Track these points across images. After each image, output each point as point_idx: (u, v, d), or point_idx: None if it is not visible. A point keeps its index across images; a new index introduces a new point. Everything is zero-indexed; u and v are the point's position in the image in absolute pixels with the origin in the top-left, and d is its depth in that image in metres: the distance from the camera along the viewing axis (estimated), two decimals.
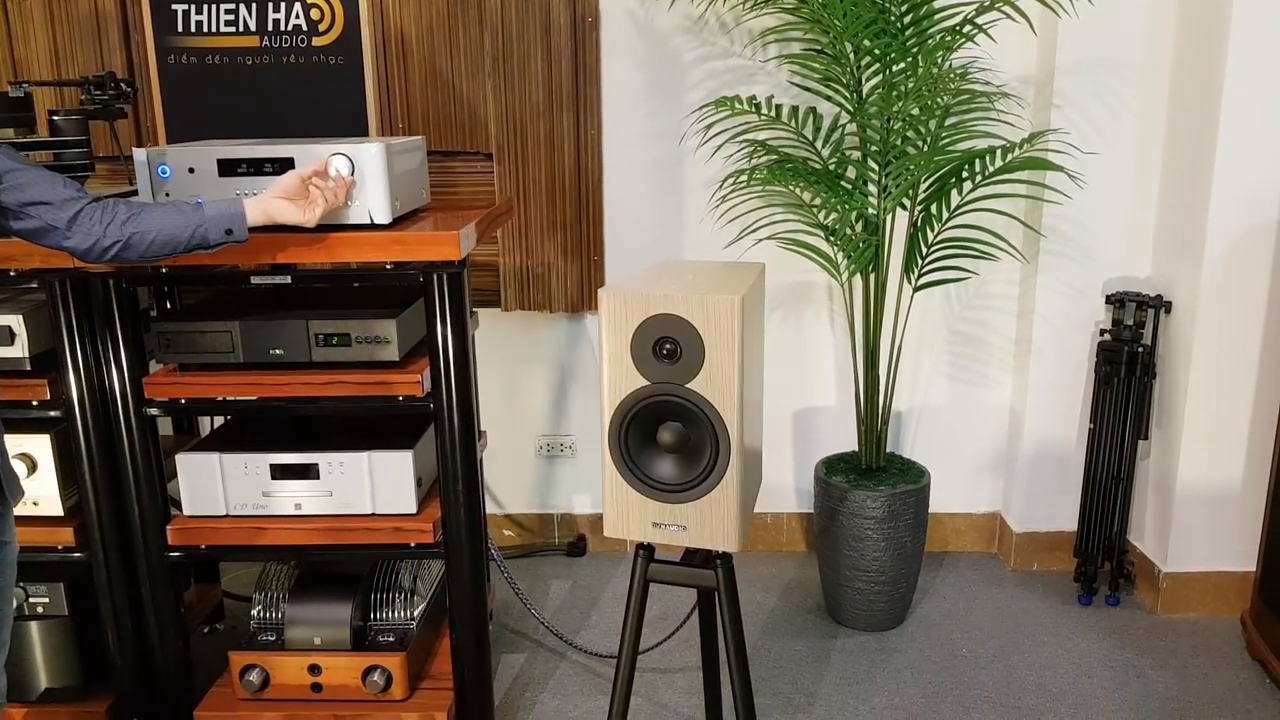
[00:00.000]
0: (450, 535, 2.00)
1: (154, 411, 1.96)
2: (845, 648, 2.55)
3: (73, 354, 1.93)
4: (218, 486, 2.01)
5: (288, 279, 1.90)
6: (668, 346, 1.56)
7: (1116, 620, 2.65)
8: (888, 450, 2.77)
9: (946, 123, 2.42)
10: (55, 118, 2.17)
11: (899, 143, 2.36)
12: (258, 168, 1.85)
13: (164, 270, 1.91)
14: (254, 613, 2.21)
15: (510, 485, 3.05)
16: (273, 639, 2.16)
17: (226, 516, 2.03)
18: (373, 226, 1.88)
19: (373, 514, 2.02)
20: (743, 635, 1.71)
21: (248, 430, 2.14)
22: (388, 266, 1.89)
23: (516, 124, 2.67)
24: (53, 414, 1.96)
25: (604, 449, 1.64)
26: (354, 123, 2.68)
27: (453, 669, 2.10)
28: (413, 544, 2.00)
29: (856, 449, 2.68)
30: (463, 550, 2.01)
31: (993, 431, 2.95)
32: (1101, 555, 2.73)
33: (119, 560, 2.04)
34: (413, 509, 2.01)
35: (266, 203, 1.71)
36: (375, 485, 2.00)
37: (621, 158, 2.75)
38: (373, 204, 1.85)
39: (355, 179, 1.84)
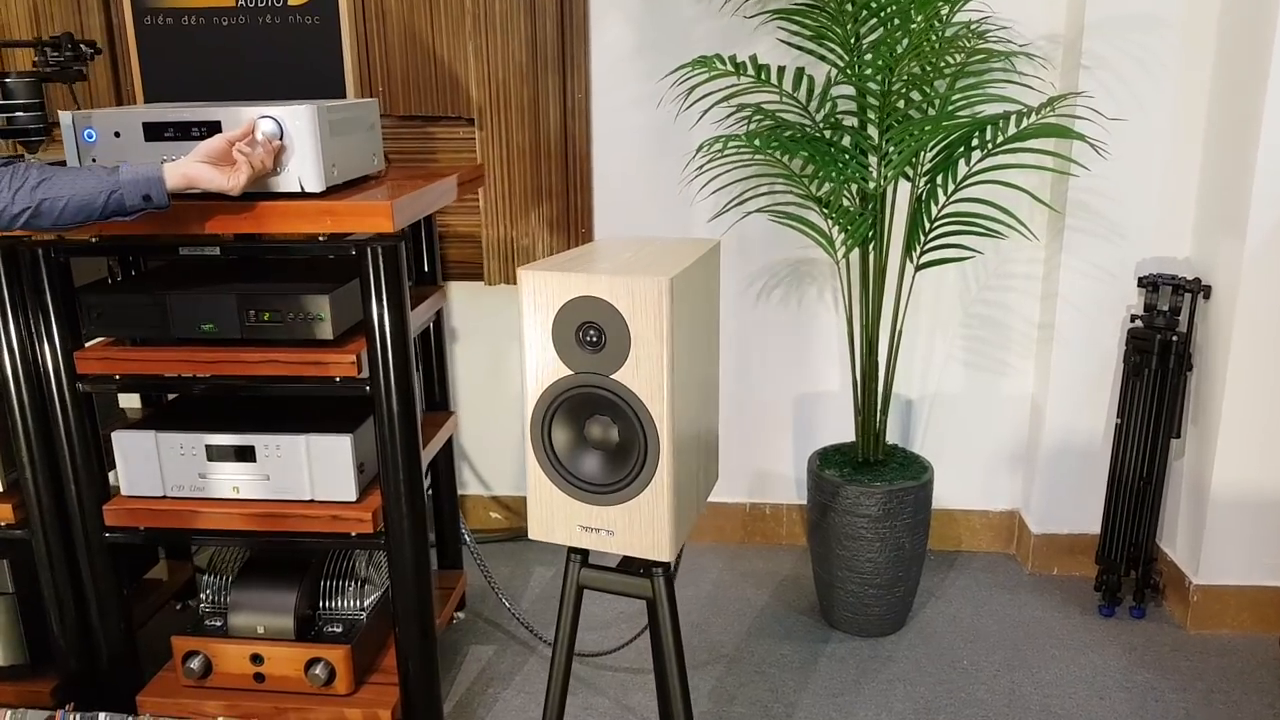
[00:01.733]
0: (391, 525, 1.88)
1: (84, 388, 1.87)
2: (835, 653, 2.38)
3: (4, 326, 1.84)
4: (155, 466, 1.92)
5: (216, 250, 1.78)
6: (591, 333, 1.41)
7: (1140, 635, 2.43)
8: (890, 442, 2.58)
9: (958, 85, 2.21)
10: (6, 80, 2.08)
11: (901, 105, 2.15)
12: (184, 132, 1.74)
13: (93, 240, 1.81)
14: (202, 595, 2.13)
15: (496, 466, 2.93)
16: (218, 625, 2.07)
17: (164, 498, 1.94)
18: (304, 195, 1.75)
19: (311, 500, 1.91)
20: (682, 651, 1.56)
21: (189, 409, 2.05)
22: (320, 239, 1.76)
23: (499, 87, 2.52)
24: None
25: (527, 445, 1.50)
26: (332, 86, 2.56)
27: (397, 665, 1.99)
28: (353, 534, 1.89)
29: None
30: (405, 541, 1.89)
31: (1012, 423, 2.73)
32: (1127, 563, 2.51)
33: (59, 540, 1.96)
34: (353, 496, 1.89)
35: (187, 167, 1.60)
36: (313, 470, 1.88)
37: (612, 123, 2.59)
38: (303, 170, 1.72)
39: (285, 144, 1.71)
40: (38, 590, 2.02)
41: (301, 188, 1.73)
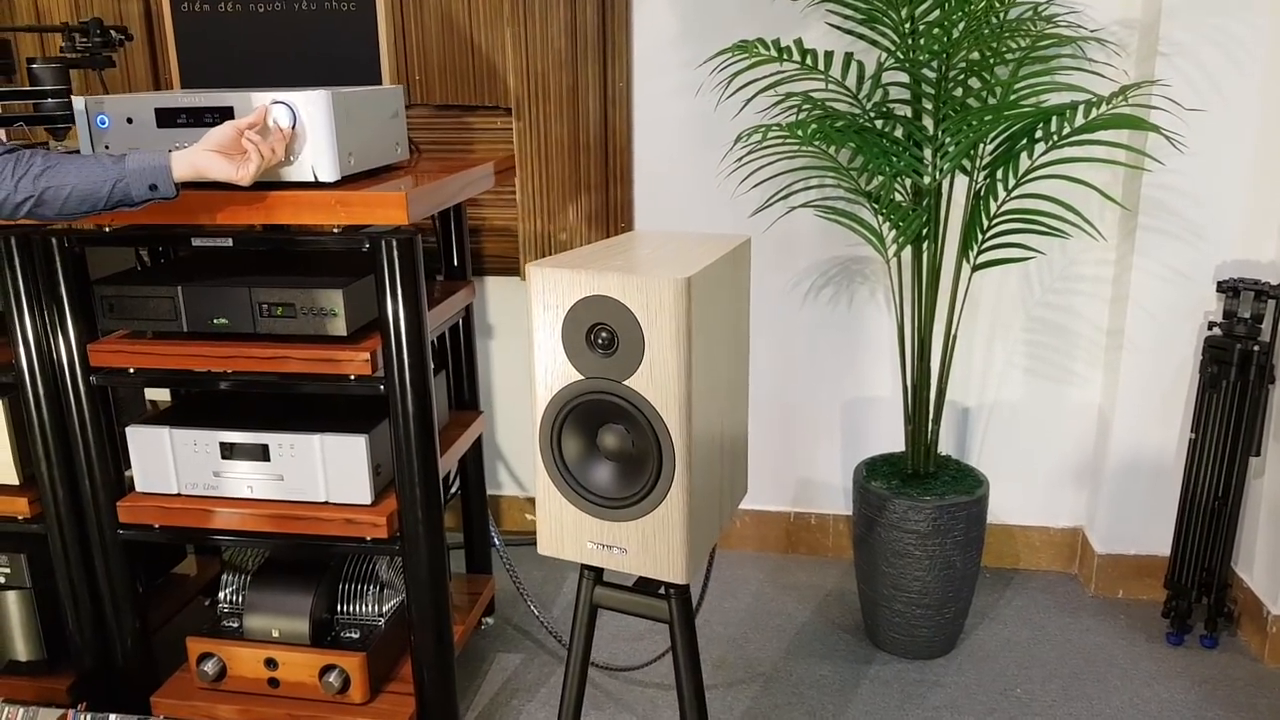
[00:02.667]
0: (407, 530, 1.80)
1: (98, 380, 1.82)
2: (879, 676, 2.24)
3: (20, 318, 1.80)
4: (169, 463, 1.87)
5: (229, 242, 1.72)
6: (603, 335, 1.30)
7: (1211, 666, 2.25)
8: (944, 453, 2.43)
9: (1021, 72, 2.05)
10: (33, 65, 2.05)
11: (958, 93, 2.01)
12: (197, 118, 1.67)
13: (107, 229, 1.76)
14: (220, 595, 2.08)
15: (532, 466, 2.84)
16: (235, 626, 2.02)
17: (178, 495, 1.89)
18: (318, 185, 1.67)
19: (325, 502, 1.83)
20: (700, 678, 1.45)
21: (204, 406, 1.99)
22: (335, 231, 1.68)
23: (537, 75, 2.43)
24: (5, 380, 1.85)
25: (536, 453, 1.40)
26: (368, 75, 2.50)
27: (413, 676, 1.91)
28: (368, 538, 1.81)
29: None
30: (420, 546, 1.81)
31: (1077, 435, 2.56)
32: (1199, 588, 2.33)
33: (75, 535, 1.92)
34: (368, 499, 1.82)
35: (195, 156, 1.53)
36: (328, 471, 1.81)
37: (654, 113, 2.48)
38: (317, 159, 1.65)
39: (297, 132, 1.64)
40: (55, 586, 1.99)
41: (315, 177, 1.65)
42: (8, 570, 1.99)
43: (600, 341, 1.31)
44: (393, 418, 1.74)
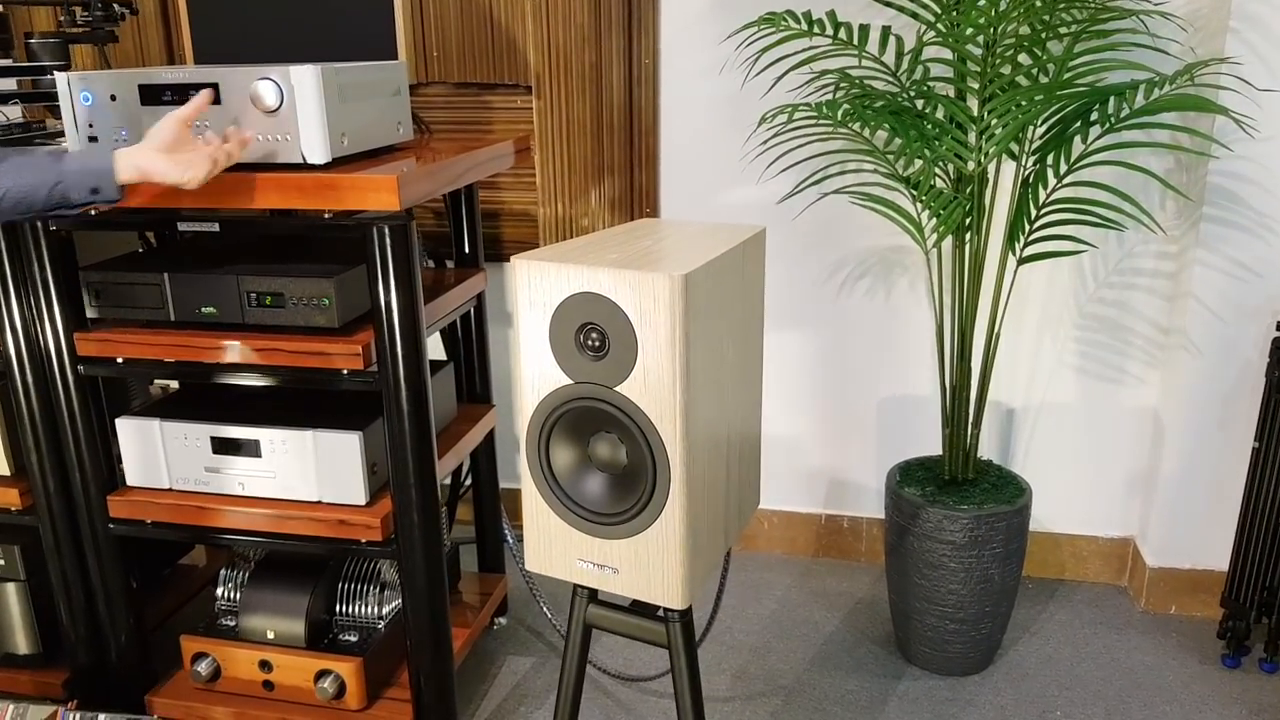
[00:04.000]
0: (402, 532, 1.71)
1: (85, 370, 1.75)
2: (908, 693, 2.11)
3: (6, 304, 1.73)
4: (160, 457, 1.79)
5: (215, 227, 1.62)
6: (594, 336, 1.19)
7: (1270, 693, 2.08)
8: (985, 458, 2.28)
9: (1077, 48, 1.89)
10: (30, 41, 1.97)
11: (1006, 70, 1.85)
12: (182, 95, 1.58)
13: (93, 213, 1.68)
14: (219, 591, 2.00)
15: None
16: (231, 625, 1.94)
17: (170, 491, 1.81)
18: (307, 167, 1.57)
19: (319, 502, 1.74)
20: (701, 707, 1.34)
21: (197, 398, 1.91)
22: (326, 216, 1.58)
23: (559, 51, 2.30)
24: None
25: (523, 461, 1.29)
26: (384, 49, 2.40)
27: (410, 683, 1.82)
28: (363, 540, 1.72)
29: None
30: (416, 550, 1.71)
31: (1130, 440, 2.39)
32: (1258, 607, 2.16)
33: (67, 528, 1.86)
34: (362, 499, 1.72)
35: (139, 157, 1.39)
36: (321, 470, 1.72)
37: (682, 92, 2.34)
38: (306, 140, 1.54)
39: (284, 111, 1.53)
40: (50, 579, 1.93)
41: (304, 159, 1.55)
42: (2, 562, 1.93)
43: (591, 343, 1.19)
44: (387, 415, 1.64)
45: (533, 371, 1.24)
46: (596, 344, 1.18)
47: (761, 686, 2.14)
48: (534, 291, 1.21)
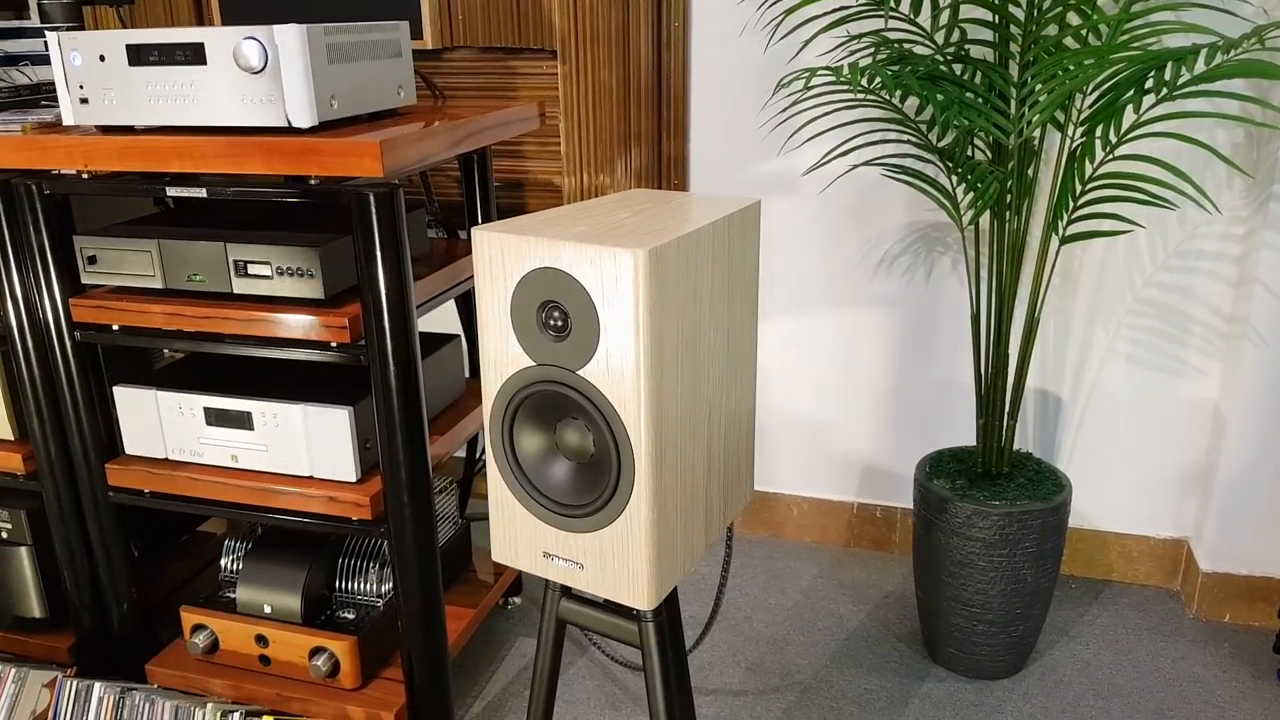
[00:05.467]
0: (392, 512, 1.65)
1: (81, 336, 1.72)
2: (932, 695, 2.00)
3: (5, 267, 1.71)
4: (156, 426, 1.76)
5: (202, 192, 1.57)
6: (555, 316, 1.10)
7: None
8: (1024, 450, 2.14)
9: (1133, 8, 1.73)
10: (43, 1, 1.95)
11: (1052, 32, 1.70)
12: (169, 55, 1.53)
13: (84, 175, 1.64)
14: (222, 562, 1.98)
15: None
16: (230, 597, 1.92)
17: (166, 460, 1.78)
18: (292, 131, 1.51)
19: (310, 477, 1.70)
20: (675, 716, 1.25)
21: (194, 369, 1.87)
22: (312, 182, 1.52)
23: (584, 12, 2.20)
24: None
25: (488, 444, 1.22)
26: (408, 11, 2.33)
27: (402, 665, 1.78)
28: (353, 518, 1.67)
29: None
30: (406, 531, 1.65)
31: (1186, 435, 2.22)
32: None
33: (68, 494, 1.85)
34: (353, 477, 1.67)
35: None
36: (312, 444, 1.67)
37: (713, 57, 2.23)
38: (291, 102, 1.48)
39: (269, 71, 1.47)
40: (55, 545, 1.92)
41: (289, 122, 1.49)
42: (9, 526, 1.94)
43: (553, 323, 1.10)
44: (375, 391, 1.59)
45: (495, 352, 1.16)
46: (559, 324, 1.10)
47: (776, 681, 2.05)
48: (493, 264, 1.13)
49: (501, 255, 1.11)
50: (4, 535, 1.94)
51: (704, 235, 1.13)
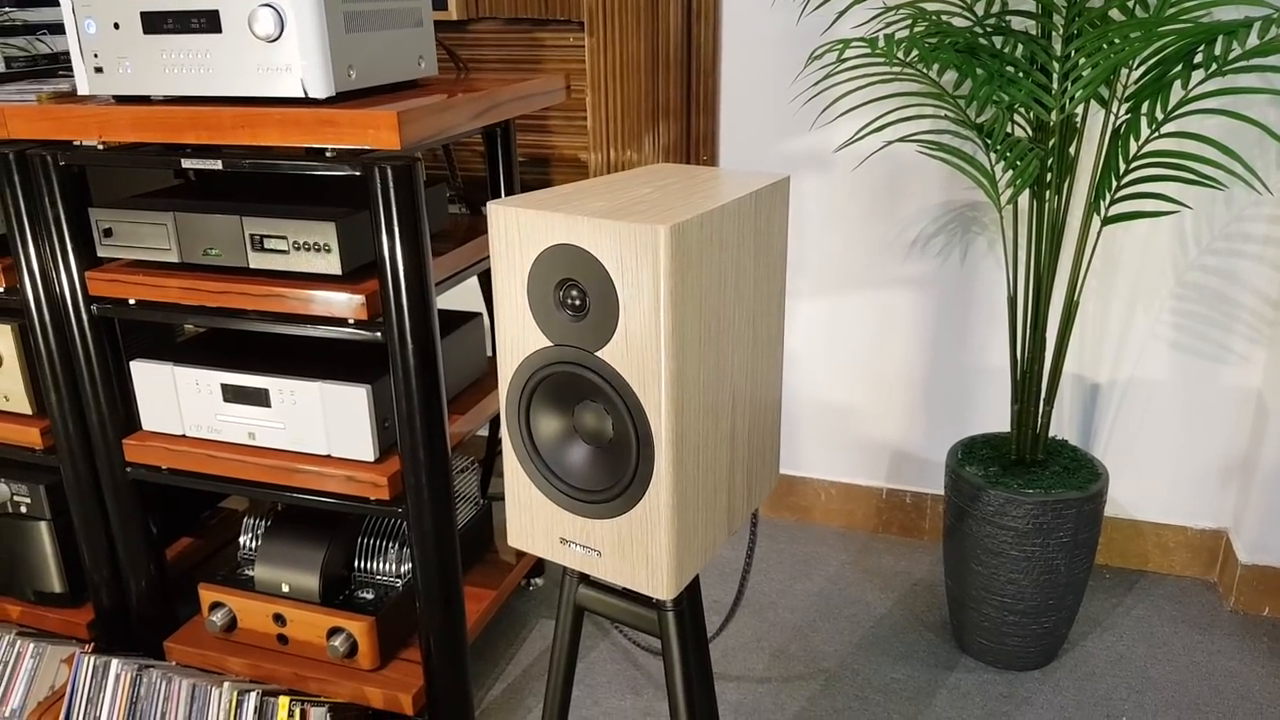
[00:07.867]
0: (409, 492, 1.62)
1: (98, 310, 1.70)
2: (960, 686, 1.95)
3: (22, 240, 1.69)
4: (173, 402, 1.74)
5: (218, 164, 1.54)
6: (574, 294, 1.06)
7: None
8: (1060, 438, 2.08)
9: None
10: None
11: (1097, 3, 1.63)
12: (184, 23, 1.49)
13: (100, 147, 1.61)
14: (241, 540, 1.97)
15: None
16: (249, 575, 1.90)
17: (184, 437, 1.76)
18: (308, 101, 1.47)
19: (328, 456, 1.67)
20: (694, 709, 1.22)
21: (212, 344, 1.85)
22: (328, 154, 1.48)
23: None
24: (13, 304, 1.76)
25: (504, 426, 1.18)
26: None
27: (420, 649, 1.75)
28: (371, 498, 1.64)
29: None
30: (425, 511, 1.62)
31: (1228, 423, 2.15)
32: None
33: (86, 470, 1.83)
34: (370, 456, 1.64)
35: None
36: (329, 423, 1.65)
37: (745, 28, 2.16)
38: (307, 72, 1.44)
39: (284, 39, 1.43)
40: (72, 521, 1.92)
41: (305, 92, 1.45)
42: (29, 500, 1.93)
43: (571, 302, 1.06)
44: (393, 369, 1.55)
45: (510, 332, 1.12)
46: (577, 303, 1.06)
47: (801, 668, 2.01)
48: (509, 240, 1.08)
49: (518, 230, 1.07)
50: (24, 509, 1.93)
51: (730, 211, 1.09)
